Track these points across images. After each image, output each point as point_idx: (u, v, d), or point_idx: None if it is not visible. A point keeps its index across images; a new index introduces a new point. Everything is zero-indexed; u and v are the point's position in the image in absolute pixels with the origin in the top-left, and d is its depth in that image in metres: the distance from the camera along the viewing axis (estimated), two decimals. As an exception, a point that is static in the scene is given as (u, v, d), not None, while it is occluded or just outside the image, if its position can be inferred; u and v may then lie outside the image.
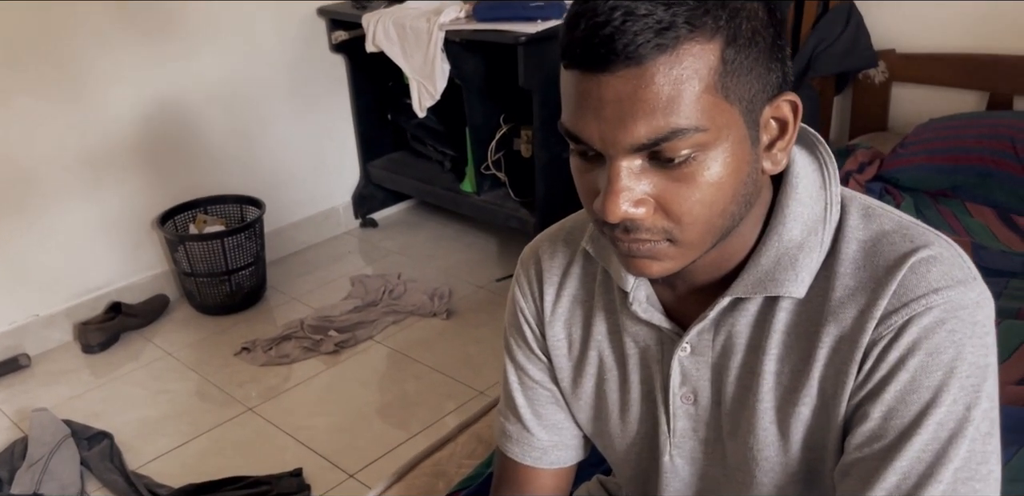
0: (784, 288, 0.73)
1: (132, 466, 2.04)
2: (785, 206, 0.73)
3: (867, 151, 2.23)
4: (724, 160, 0.65)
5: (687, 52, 0.61)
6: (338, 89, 3.05)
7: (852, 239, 0.73)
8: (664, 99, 0.61)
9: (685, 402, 0.82)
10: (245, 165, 2.87)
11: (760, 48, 0.64)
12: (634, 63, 0.60)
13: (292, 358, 2.45)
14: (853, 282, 0.72)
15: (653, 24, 0.60)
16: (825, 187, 0.75)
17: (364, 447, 2.06)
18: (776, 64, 0.66)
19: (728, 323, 0.78)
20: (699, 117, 0.62)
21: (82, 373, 2.44)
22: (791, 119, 0.69)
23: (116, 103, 2.51)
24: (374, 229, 3.25)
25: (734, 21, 0.62)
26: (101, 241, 2.62)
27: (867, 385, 0.71)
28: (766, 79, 0.65)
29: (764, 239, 0.74)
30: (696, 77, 0.61)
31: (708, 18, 0.61)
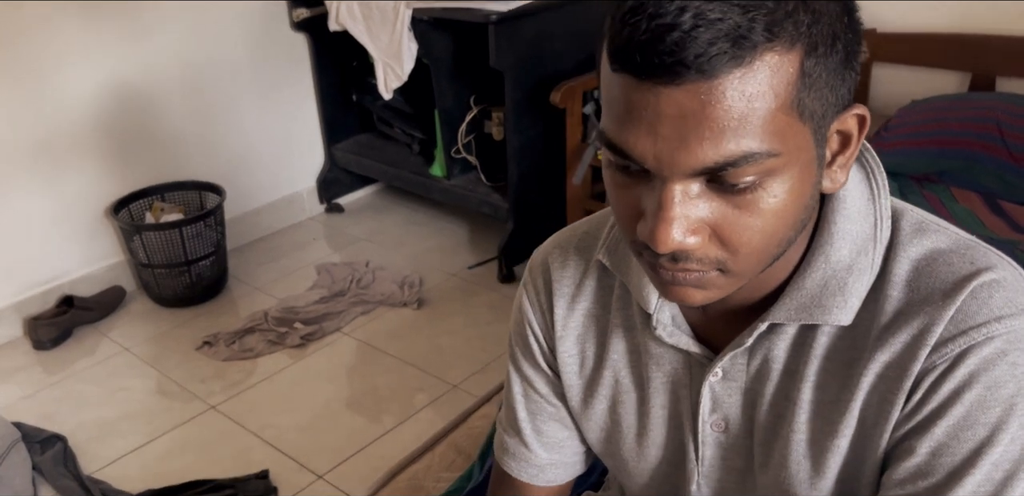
0: (831, 315, 0.66)
1: (88, 470, 1.94)
2: (832, 223, 0.66)
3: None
4: (791, 186, 0.57)
5: (765, 64, 0.52)
6: (300, 69, 2.92)
7: (904, 258, 0.66)
8: (736, 118, 0.53)
9: (715, 430, 0.75)
10: (204, 150, 2.75)
11: (839, 57, 0.56)
12: (705, 77, 0.52)
13: (256, 352, 2.35)
14: (905, 305, 0.65)
15: (730, 31, 0.51)
16: (874, 200, 0.68)
17: (333, 446, 1.98)
18: (850, 73, 0.58)
19: (764, 347, 0.71)
20: (772, 139, 0.54)
21: (33, 371, 2.32)
22: (856, 133, 0.61)
23: (67, 85, 2.37)
24: (340, 214, 3.14)
25: (816, 26, 0.54)
26: (52, 231, 2.49)
27: (915, 417, 0.64)
28: (839, 91, 0.57)
29: (809, 259, 0.67)
30: (772, 93, 0.53)
31: (789, 23, 0.52)
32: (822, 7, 0.54)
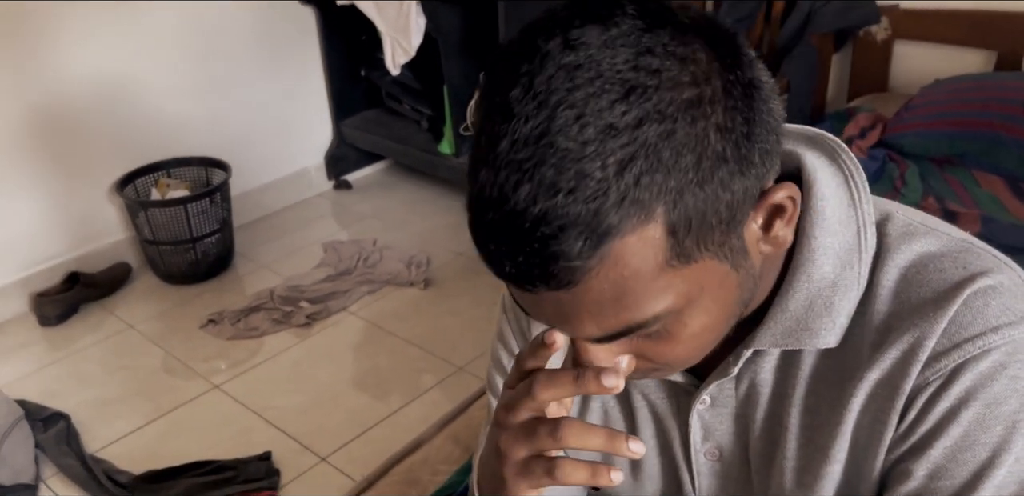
0: (819, 338, 0.61)
1: (90, 449, 1.93)
2: (812, 237, 0.60)
3: (869, 114, 2.10)
4: (707, 308, 0.54)
5: (623, 250, 0.48)
6: (308, 43, 2.87)
7: (891, 266, 0.61)
8: (609, 301, 0.50)
9: (710, 458, 0.71)
10: (210, 125, 2.71)
11: (730, 158, 0.49)
12: (562, 286, 0.50)
13: (261, 331, 2.33)
14: (893, 319, 0.60)
15: (579, 237, 0.47)
16: (855, 206, 0.61)
17: (336, 428, 1.96)
18: (754, 157, 0.50)
19: (751, 371, 0.66)
20: (658, 302, 0.51)
21: (38, 347, 2.31)
22: (790, 204, 0.55)
23: (72, 60, 2.33)
24: (348, 191, 3.11)
25: (676, 174, 0.47)
26: (58, 206, 2.46)
27: (910, 438, 0.59)
28: (743, 190, 0.50)
29: (790, 279, 0.61)
30: (642, 267, 0.49)
31: (629, 204, 0.46)
32: (683, 140, 0.46)
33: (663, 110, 0.46)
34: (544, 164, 0.46)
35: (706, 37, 0.49)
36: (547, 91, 0.46)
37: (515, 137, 0.47)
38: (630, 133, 0.45)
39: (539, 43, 0.48)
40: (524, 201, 0.46)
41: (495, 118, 0.48)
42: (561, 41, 0.47)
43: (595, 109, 0.45)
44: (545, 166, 0.46)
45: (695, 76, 0.47)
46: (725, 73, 0.48)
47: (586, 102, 0.45)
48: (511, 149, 0.47)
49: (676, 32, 0.48)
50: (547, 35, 0.48)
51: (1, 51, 2.21)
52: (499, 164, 0.47)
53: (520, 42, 0.49)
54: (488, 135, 0.48)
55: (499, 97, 0.48)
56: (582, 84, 0.46)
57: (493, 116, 0.48)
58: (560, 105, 0.46)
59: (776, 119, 0.52)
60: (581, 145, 0.45)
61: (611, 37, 0.47)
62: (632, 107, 0.45)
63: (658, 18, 0.48)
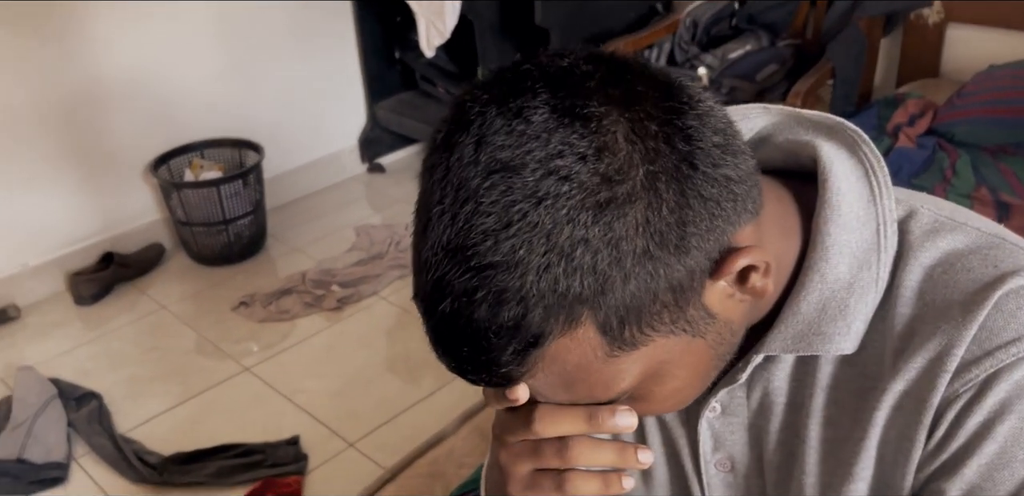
0: (833, 344, 0.56)
1: (121, 429, 1.94)
2: (826, 235, 0.56)
3: (918, 101, 2.03)
4: (676, 375, 0.53)
5: (556, 352, 0.48)
6: (343, 25, 2.84)
7: (914, 266, 0.56)
8: (560, 389, 0.51)
9: (721, 469, 0.66)
10: (244, 106, 2.69)
11: (656, 252, 0.46)
12: (507, 385, 0.51)
13: (292, 314, 2.32)
14: (918, 323, 0.55)
15: (507, 346, 0.47)
16: (875, 201, 0.57)
17: (365, 414, 1.95)
18: (691, 240, 0.47)
19: (763, 378, 0.61)
20: (614, 384, 0.51)
21: (73, 326, 2.33)
22: (762, 265, 0.52)
23: (106, 40, 2.33)
24: (381, 174, 3.09)
25: (592, 276, 0.45)
26: (93, 186, 2.47)
27: (940, 455, 0.55)
28: (685, 271, 0.48)
29: (802, 279, 0.57)
30: (583, 362, 0.49)
31: (562, 299, 0.45)
32: (598, 244, 0.45)
33: (575, 217, 0.44)
34: (462, 276, 0.45)
35: (631, 109, 0.46)
36: (460, 198, 0.46)
37: (433, 244, 0.47)
38: (544, 241, 0.44)
39: (455, 137, 0.47)
40: (450, 312, 0.46)
41: (419, 214, 0.49)
42: (475, 138, 0.46)
43: (507, 219, 0.45)
44: (463, 278, 0.45)
45: (609, 176, 0.45)
46: (647, 161, 0.46)
47: (499, 213, 0.45)
48: (432, 256, 0.47)
49: (590, 121, 0.46)
50: (462, 126, 0.47)
51: (39, 33, 2.21)
52: (425, 268, 0.47)
53: (447, 124, 0.49)
54: (416, 230, 0.49)
55: (422, 190, 0.49)
56: (494, 193, 0.45)
57: (418, 211, 0.49)
58: (474, 215, 0.45)
59: (737, 173, 0.49)
60: (496, 255, 0.45)
61: (521, 135, 0.45)
62: (543, 217, 0.44)
63: (570, 105, 0.46)
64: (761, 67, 2.24)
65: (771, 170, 0.61)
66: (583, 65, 0.48)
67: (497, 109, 0.46)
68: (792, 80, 2.11)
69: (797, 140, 0.60)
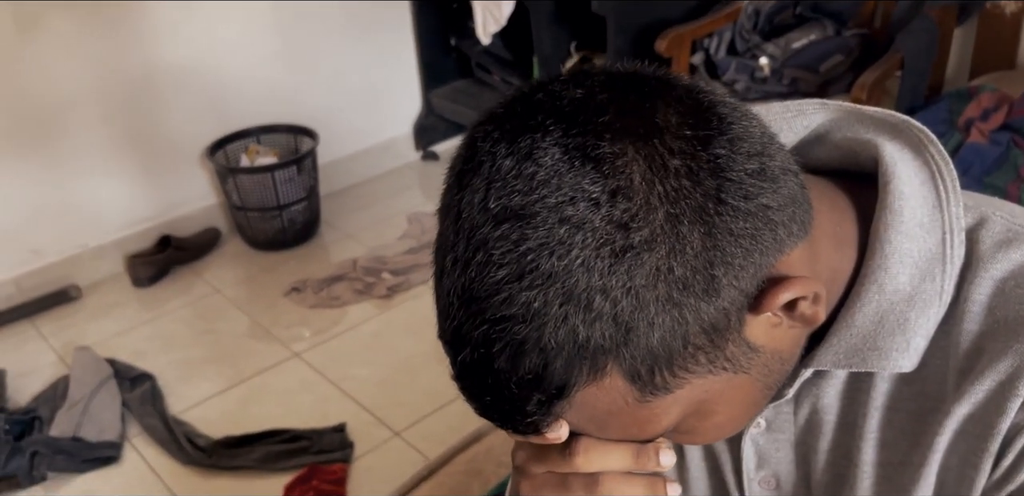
0: (890, 361, 0.52)
1: (173, 410, 1.98)
2: (886, 242, 0.52)
3: (992, 94, 1.94)
4: (719, 411, 0.50)
5: (584, 400, 0.46)
6: (399, 11, 2.83)
7: (984, 279, 0.52)
8: (594, 431, 0.50)
9: (765, 487, 0.63)
10: (300, 92, 2.71)
11: (681, 297, 0.43)
12: (534, 434, 0.49)
13: (343, 301, 2.34)
14: (986, 341, 0.51)
15: (531, 398, 0.45)
16: (942, 207, 0.52)
17: (412, 403, 1.95)
18: (723, 278, 0.44)
19: (812, 394, 0.58)
20: (650, 426, 0.49)
21: (130, 307, 2.38)
22: (810, 296, 0.48)
23: (163, 27, 2.35)
24: (435, 162, 3.08)
25: (623, 306, 0.42)
26: (152, 169, 2.52)
27: (1007, 486, 0.51)
28: (720, 311, 0.44)
29: (858, 289, 0.53)
30: (614, 408, 0.46)
31: (583, 350, 0.43)
32: (617, 293, 0.42)
33: (591, 267, 0.42)
34: (478, 327, 0.44)
35: (649, 143, 0.43)
36: (472, 246, 0.44)
37: (449, 292, 0.45)
38: (560, 292, 0.42)
39: (466, 178, 0.45)
40: (471, 362, 0.45)
41: (437, 256, 0.47)
42: (485, 182, 0.44)
43: (520, 270, 0.42)
44: (480, 330, 0.43)
45: (624, 222, 0.42)
46: (667, 203, 0.42)
47: (512, 264, 0.42)
48: (448, 305, 0.45)
49: (602, 163, 0.42)
50: (473, 166, 0.45)
51: (101, 17, 2.24)
52: (444, 314, 0.46)
53: (460, 161, 0.47)
54: (434, 272, 0.48)
55: (439, 231, 0.47)
56: (506, 243, 0.43)
57: (436, 252, 0.48)
58: (486, 265, 0.43)
59: (777, 200, 0.45)
60: (510, 307, 0.43)
61: (531, 179, 0.43)
62: (557, 267, 0.42)
63: (582, 144, 0.42)
64: (825, 57, 2.17)
65: (827, 170, 0.58)
66: (599, 93, 0.45)
67: (507, 148, 0.44)
68: (858, 72, 2.04)
69: (857, 138, 0.56)
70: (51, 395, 2.01)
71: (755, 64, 2.19)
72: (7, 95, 2.18)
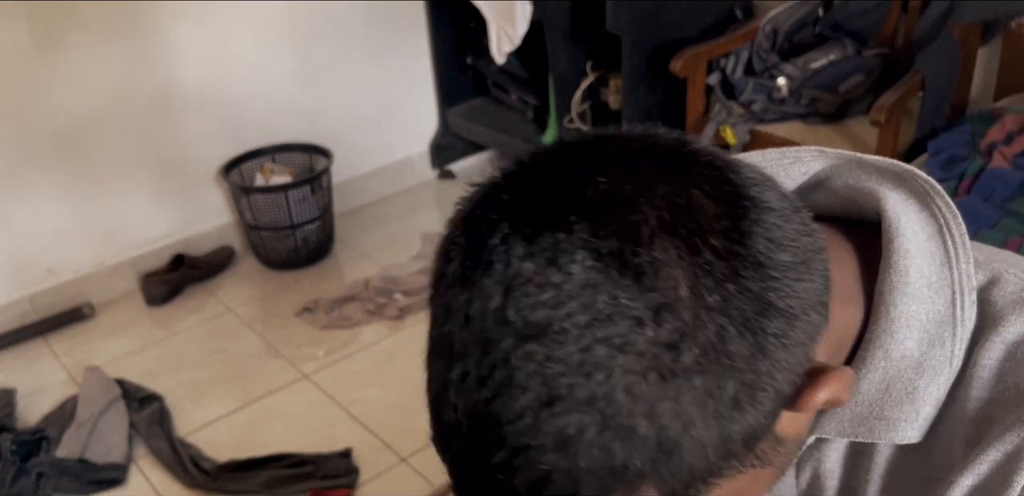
0: (898, 431, 0.49)
1: (180, 432, 1.96)
2: (891, 305, 0.48)
3: (1017, 117, 1.89)
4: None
5: None
6: (416, 30, 2.83)
7: (995, 342, 0.49)
8: None
9: None
10: (316, 111, 2.71)
11: (729, 417, 0.39)
12: None
13: (354, 322, 2.32)
14: (994, 408, 0.48)
15: None
16: (951, 265, 0.49)
17: (419, 428, 1.90)
18: (766, 393, 0.40)
19: (814, 458, 0.55)
20: None
21: (143, 326, 2.38)
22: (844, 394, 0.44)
23: (177, 42, 2.36)
24: (451, 181, 3.06)
25: (674, 433, 0.38)
26: (167, 188, 2.52)
27: None
28: (757, 422, 0.40)
29: (863, 355, 0.49)
30: None
31: (616, 473, 0.38)
32: (671, 410, 0.37)
33: (634, 392, 0.37)
34: (495, 453, 0.38)
35: (690, 243, 0.38)
36: (488, 362, 0.38)
37: (456, 406, 0.39)
38: (598, 419, 0.37)
39: (473, 274, 0.39)
40: (482, 485, 0.40)
41: (436, 356, 0.42)
42: (501, 287, 0.38)
43: (550, 395, 0.37)
44: (498, 456, 0.38)
45: (673, 343, 0.37)
46: (717, 316, 0.38)
47: (539, 388, 0.37)
48: (455, 423, 0.39)
49: (643, 274, 0.37)
50: (481, 261, 0.39)
51: (117, 36, 2.25)
52: (447, 431, 0.41)
53: (461, 250, 0.41)
54: (432, 374, 0.42)
55: (436, 326, 0.42)
56: (531, 363, 0.37)
57: (434, 350, 0.42)
58: (507, 387, 0.37)
59: (814, 289, 0.42)
60: (538, 436, 0.37)
61: (558, 290, 0.37)
62: (596, 391, 0.36)
63: (617, 251, 0.37)
64: (845, 78, 2.13)
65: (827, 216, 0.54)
66: (625, 182, 0.39)
67: (524, 248, 0.38)
68: (878, 92, 1.99)
69: (858, 187, 0.53)
70: (60, 415, 2.01)
71: (773, 84, 2.15)
72: (24, 115, 2.20)
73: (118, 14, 2.23)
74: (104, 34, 2.23)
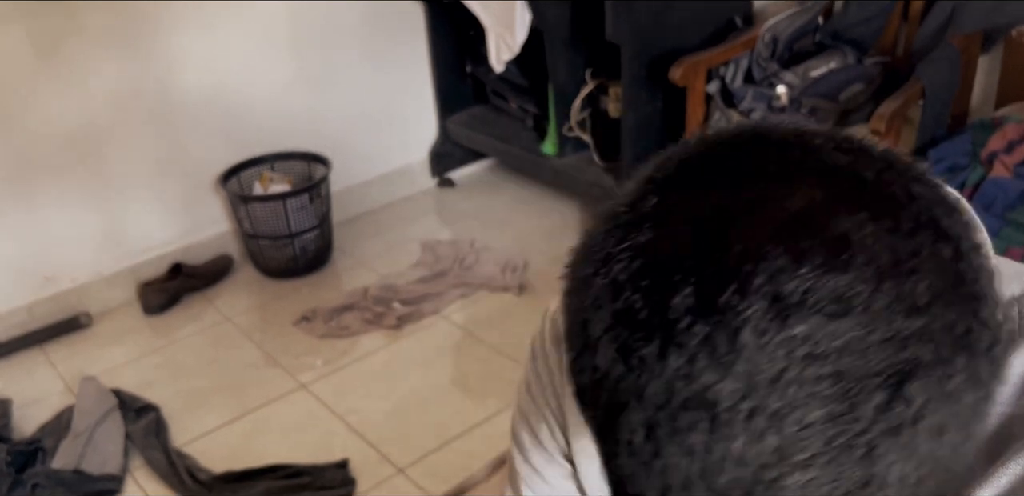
0: None
1: (177, 442, 1.95)
2: None
3: (1018, 126, 1.88)
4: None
5: None
6: (415, 37, 2.82)
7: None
8: None
9: None
10: (316, 119, 2.70)
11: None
12: None
13: (352, 331, 2.31)
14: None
15: None
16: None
17: (417, 438, 1.91)
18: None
19: None
20: None
21: (140, 336, 2.37)
22: None
23: (176, 52, 2.36)
24: (451, 189, 3.06)
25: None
26: (165, 197, 2.51)
27: None
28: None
29: None
30: None
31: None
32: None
33: (965, 415, 0.37)
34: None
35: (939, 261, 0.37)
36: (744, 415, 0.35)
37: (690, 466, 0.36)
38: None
39: (675, 310, 0.35)
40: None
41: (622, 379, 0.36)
42: (746, 376, 0.35)
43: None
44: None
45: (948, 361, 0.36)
46: (975, 341, 0.37)
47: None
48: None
49: (923, 277, 0.36)
50: (690, 284, 0.36)
51: (117, 43, 2.25)
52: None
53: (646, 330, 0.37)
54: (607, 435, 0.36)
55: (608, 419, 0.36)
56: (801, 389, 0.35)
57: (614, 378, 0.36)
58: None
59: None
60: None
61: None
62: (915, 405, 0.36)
63: (895, 245, 0.36)
64: (845, 86, 2.12)
65: None
66: (869, 238, 0.37)
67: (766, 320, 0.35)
68: (878, 101, 1.98)
69: None
70: (56, 426, 1.99)
71: (772, 93, 2.14)
72: (23, 122, 2.19)
73: (118, 21, 2.23)
74: (103, 41, 2.23)
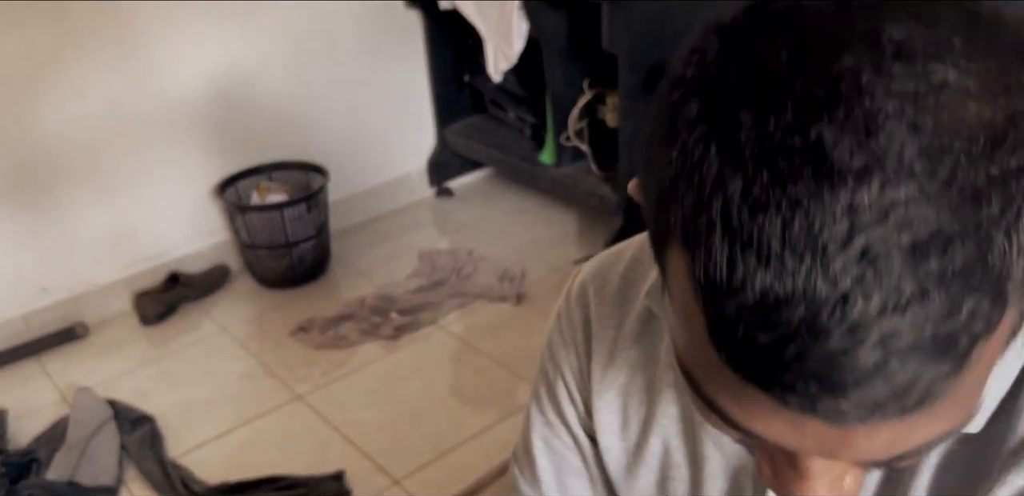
0: None
1: (172, 453, 1.94)
2: None
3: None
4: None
5: (978, 359, 0.34)
6: (413, 47, 2.83)
7: None
8: (930, 436, 0.38)
9: None
10: (313, 129, 2.70)
11: None
12: (887, 419, 0.35)
13: (349, 341, 2.30)
14: None
15: (943, 365, 0.33)
16: None
17: (413, 449, 1.89)
18: None
19: None
20: (966, 406, 0.38)
21: (137, 346, 2.35)
22: None
23: (173, 61, 2.36)
24: (449, 198, 3.05)
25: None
26: (162, 207, 2.51)
27: None
28: None
29: None
30: (980, 378, 0.37)
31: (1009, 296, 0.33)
32: None
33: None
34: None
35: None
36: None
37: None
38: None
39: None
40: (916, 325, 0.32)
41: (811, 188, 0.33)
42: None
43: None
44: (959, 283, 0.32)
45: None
46: None
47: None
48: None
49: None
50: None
51: (113, 52, 2.25)
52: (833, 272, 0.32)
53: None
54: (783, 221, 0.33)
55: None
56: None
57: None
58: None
59: None
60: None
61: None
62: None
63: None
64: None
65: None
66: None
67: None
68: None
69: None
70: (51, 437, 1.98)
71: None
72: (17, 131, 2.19)
73: (113, 31, 2.23)
74: (99, 51, 2.23)
